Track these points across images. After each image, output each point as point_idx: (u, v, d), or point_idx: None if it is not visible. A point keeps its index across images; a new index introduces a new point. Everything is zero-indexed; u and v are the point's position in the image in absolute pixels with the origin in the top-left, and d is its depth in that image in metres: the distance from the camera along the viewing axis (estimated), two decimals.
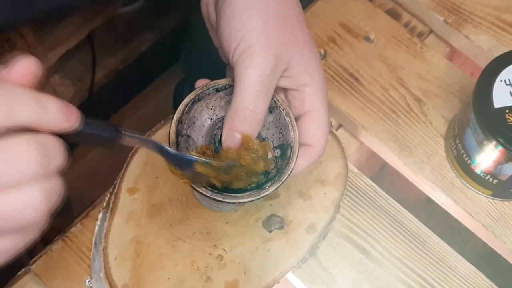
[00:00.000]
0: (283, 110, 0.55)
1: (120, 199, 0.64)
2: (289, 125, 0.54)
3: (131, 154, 0.67)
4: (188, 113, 0.54)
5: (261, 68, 0.50)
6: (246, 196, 0.52)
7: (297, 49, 0.53)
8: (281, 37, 0.52)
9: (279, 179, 0.53)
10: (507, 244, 0.66)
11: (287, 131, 0.55)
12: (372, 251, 0.66)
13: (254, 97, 0.50)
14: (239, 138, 0.51)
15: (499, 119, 0.60)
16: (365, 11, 0.77)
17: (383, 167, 1.02)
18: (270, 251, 0.63)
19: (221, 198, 0.52)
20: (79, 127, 0.42)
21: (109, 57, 1.22)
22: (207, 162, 0.50)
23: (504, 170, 0.63)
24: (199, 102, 0.55)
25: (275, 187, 0.53)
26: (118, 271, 0.62)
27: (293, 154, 0.54)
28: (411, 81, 0.73)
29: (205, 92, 0.55)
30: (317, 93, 0.54)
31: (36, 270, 0.64)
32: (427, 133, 0.70)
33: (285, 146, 0.55)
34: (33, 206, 0.40)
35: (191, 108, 0.54)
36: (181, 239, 0.63)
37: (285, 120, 0.55)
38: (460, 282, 0.65)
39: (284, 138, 0.55)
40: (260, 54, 0.50)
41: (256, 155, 0.52)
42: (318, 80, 0.54)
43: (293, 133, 0.54)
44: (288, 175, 0.53)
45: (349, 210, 0.67)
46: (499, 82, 0.62)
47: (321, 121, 0.55)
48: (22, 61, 0.42)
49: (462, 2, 0.77)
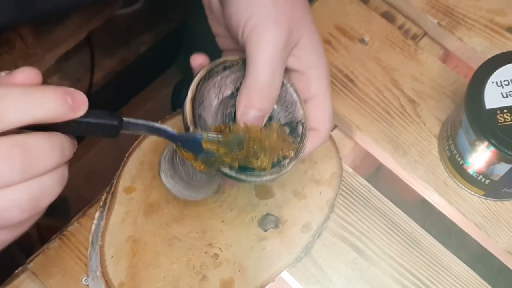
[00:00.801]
0: (290, 86, 0.54)
1: (116, 198, 0.65)
2: (297, 102, 0.54)
3: (128, 153, 0.68)
4: (199, 92, 0.53)
5: (275, 43, 0.50)
6: (268, 174, 0.52)
7: (306, 28, 0.53)
8: (291, 12, 0.51)
9: (296, 155, 0.53)
10: (499, 244, 0.67)
11: (295, 108, 0.54)
12: (367, 250, 0.66)
13: (270, 73, 0.50)
14: (255, 116, 0.51)
15: (490, 120, 0.61)
16: (360, 14, 0.78)
17: (378, 168, 1.02)
18: (265, 249, 0.64)
19: (244, 177, 0.51)
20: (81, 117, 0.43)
21: (108, 58, 1.23)
22: (213, 137, 0.50)
23: (496, 171, 0.64)
24: (208, 81, 0.54)
25: (293, 164, 0.52)
26: (115, 269, 0.62)
27: (306, 130, 0.54)
28: (405, 83, 0.74)
29: (214, 70, 0.53)
30: (323, 77, 0.54)
31: (33, 268, 0.65)
32: (421, 134, 0.71)
33: (294, 123, 0.54)
34: (18, 206, 0.41)
35: (201, 87, 0.53)
36: (177, 238, 0.64)
37: (292, 97, 0.54)
38: (453, 281, 0.66)
39: (291, 115, 0.55)
40: (273, 28, 0.50)
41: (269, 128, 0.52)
42: (324, 64, 0.54)
43: (302, 110, 0.54)
44: (303, 151, 0.53)
45: (344, 209, 0.68)
46: (491, 84, 0.62)
47: (327, 105, 0.55)
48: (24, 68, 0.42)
49: (455, 5, 0.78)
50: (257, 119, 0.51)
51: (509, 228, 0.68)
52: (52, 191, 0.43)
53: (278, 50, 0.50)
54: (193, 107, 0.51)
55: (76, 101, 0.43)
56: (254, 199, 0.66)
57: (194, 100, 0.52)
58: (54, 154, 0.42)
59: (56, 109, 0.42)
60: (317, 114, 0.55)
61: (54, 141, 0.42)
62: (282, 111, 0.55)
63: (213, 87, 0.54)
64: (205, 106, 0.53)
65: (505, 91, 0.62)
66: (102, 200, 0.66)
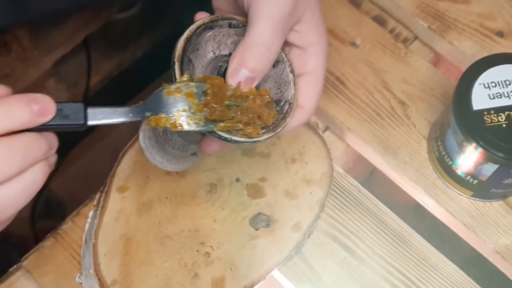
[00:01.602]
0: (288, 66, 0.54)
1: (110, 197, 0.66)
2: (291, 82, 0.54)
3: (121, 153, 0.69)
4: (197, 37, 0.52)
5: (281, 7, 0.49)
6: (239, 137, 0.50)
7: (311, 4, 0.53)
8: None
9: (274, 129, 0.52)
10: (488, 244, 0.68)
11: (288, 88, 0.54)
12: (356, 249, 0.67)
13: (270, 34, 0.49)
14: (246, 75, 0.49)
15: (477, 121, 0.62)
16: (351, 18, 0.79)
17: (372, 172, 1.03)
18: (257, 248, 0.65)
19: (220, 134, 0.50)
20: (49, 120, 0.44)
21: (105, 62, 1.24)
22: (175, 85, 0.49)
23: (483, 171, 0.65)
24: (209, 30, 0.53)
25: (268, 136, 0.51)
26: (108, 267, 0.63)
27: (291, 111, 0.53)
28: (396, 85, 0.75)
29: (219, 23, 0.53)
30: (321, 55, 0.54)
31: (27, 266, 0.66)
32: (411, 135, 0.72)
33: (282, 102, 0.54)
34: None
35: (200, 33, 0.52)
36: (169, 236, 0.65)
37: (288, 77, 0.54)
38: (441, 280, 0.67)
39: (281, 94, 0.54)
40: None
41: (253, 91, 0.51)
42: (324, 42, 0.54)
43: (293, 91, 0.54)
44: (282, 127, 0.52)
45: (334, 209, 0.69)
46: (478, 85, 0.64)
47: (318, 84, 0.55)
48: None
49: (446, 9, 0.79)
50: (248, 79, 0.50)
51: (497, 228, 0.69)
52: (17, 199, 0.43)
53: (282, 15, 0.49)
54: (185, 48, 0.50)
55: (43, 107, 0.43)
56: (246, 198, 0.67)
57: (188, 41, 0.51)
58: (14, 159, 0.41)
59: (22, 118, 0.42)
60: (306, 90, 0.54)
61: (14, 145, 0.42)
62: (274, 88, 0.55)
63: (212, 40, 0.53)
64: (198, 54, 0.53)
65: (492, 93, 0.63)
66: (96, 199, 0.67)
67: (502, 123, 0.62)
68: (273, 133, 0.52)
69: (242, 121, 0.50)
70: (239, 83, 0.50)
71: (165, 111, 0.49)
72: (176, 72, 0.50)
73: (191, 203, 0.66)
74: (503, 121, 0.62)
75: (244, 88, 0.50)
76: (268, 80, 0.55)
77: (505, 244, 0.68)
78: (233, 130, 0.50)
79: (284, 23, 0.50)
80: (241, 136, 0.51)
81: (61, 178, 1.26)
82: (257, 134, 0.51)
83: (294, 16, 0.51)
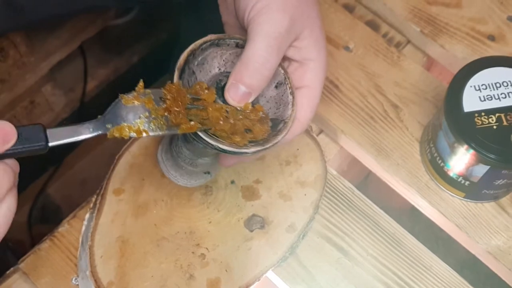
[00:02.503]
0: (289, 88, 0.56)
1: (106, 200, 0.67)
2: (290, 103, 0.55)
3: (117, 156, 0.69)
4: (203, 51, 0.54)
5: (277, 25, 0.51)
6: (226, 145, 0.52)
7: (310, 22, 0.54)
8: (297, 5, 0.53)
9: (263, 144, 0.53)
10: (480, 244, 0.69)
11: (286, 108, 0.55)
12: (350, 250, 0.68)
13: (266, 52, 0.51)
14: (242, 91, 0.52)
15: (468, 123, 0.63)
16: (345, 22, 0.80)
17: (367, 177, 1.04)
18: (251, 249, 0.66)
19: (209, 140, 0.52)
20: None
21: (101, 68, 1.25)
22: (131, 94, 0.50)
23: (475, 172, 0.66)
24: (216, 47, 0.55)
25: (256, 149, 0.53)
26: (104, 269, 0.64)
27: (284, 129, 0.55)
28: (388, 88, 0.76)
29: (226, 41, 0.55)
30: (319, 71, 0.56)
31: (24, 268, 0.66)
32: (403, 138, 0.73)
33: (278, 121, 0.56)
34: None
35: (207, 49, 0.55)
36: (165, 238, 0.66)
37: (287, 98, 0.56)
38: (434, 281, 0.67)
39: (279, 114, 0.56)
40: (277, 12, 0.51)
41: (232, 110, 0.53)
42: (323, 59, 0.56)
43: (290, 112, 0.55)
44: (272, 143, 0.54)
45: (328, 211, 0.70)
46: (469, 88, 0.65)
47: (314, 98, 0.56)
48: None
49: (438, 13, 0.80)
50: (244, 94, 0.52)
51: (489, 229, 0.70)
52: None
53: (278, 34, 0.51)
54: (187, 59, 0.53)
55: (3, 132, 0.44)
56: (241, 200, 0.68)
57: (192, 54, 0.53)
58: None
59: None
60: (302, 103, 0.56)
61: None
62: (274, 108, 0.57)
63: (219, 57, 0.55)
64: (203, 68, 0.55)
65: (482, 95, 0.64)
66: (92, 202, 0.68)
67: (493, 125, 0.63)
68: (262, 147, 0.53)
69: (225, 129, 0.52)
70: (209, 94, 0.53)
71: (126, 119, 0.50)
72: (174, 79, 0.52)
73: (187, 205, 0.67)
74: (494, 123, 0.63)
75: (240, 102, 0.53)
76: (270, 100, 0.57)
77: (497, 245, 0.69)
78: (221, 139, 0.52)
79: (280, 41, 0.52)
80: (229, 145, 0.52)
81: (58, 183, 1.27)
82: (244, 144, 0.53)
83: (292, 34, 0.53)
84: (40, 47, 1.07)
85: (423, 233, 0.85)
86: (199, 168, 0.65)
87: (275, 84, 0.57)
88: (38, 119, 1.18)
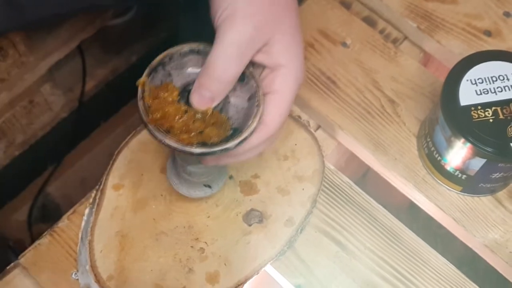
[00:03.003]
0: (257, 100, 0.56)
1: (105, 195, 0.67)
2: (252, 115, 0.55)
3: (116, 152, 0.70)
4: (183, 56, 0.56)
5: (238, 34, 0.52)
6: (172, 142, 0.54)
7: (281, 29, 0.55)
8: (267, 13, 0.54)
9: (210, 146, 0.54)
10: (477, 238, 0.70)
11: (249, 119, 0.56)
12: (348, 244, 0.68)
13: (225, 59, 0.52)
14: (205, 96, 0.53)
15: (465, 116, 0.64)
16: (342, 18, 0.81)
17: (365, 174, 1.05)
18: (250, 243, 0.66)
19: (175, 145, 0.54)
20: None
21: (100, 68, 1.25)
22: None
23: (471, 166, 0.66)
24: (197, 54, 0.56)
25: (201, 150, 0.54)
26: (104, 263, 0.64)
27: (236, 138, 0.55)
28: (385, 84, 0.76)
29: (207, 50, 0.55)
30: (289, 78, 0.56)
31: (24, 263, 0.67)
32: (400, 133, 0.74)
33: (238, 130, 0.56)
34: None
35: (187, 55, 0.56)
36: (164, 232, 0.66)
37: (253, 110, 0.56)
38: (432, 274, 0.68)
39: (243, 124, 0.56)
40: (241, 21, 0.52)
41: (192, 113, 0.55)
42: (295, 64, 0.56)
43: (250, 123, 0.55)
44: (221, 148, 0.54)
45: (326, 205, 0.70)
46: (465, 82, 0.65)
47: (283, 104, 0.56)
48: None
49: (434, 9, 0.81)
50: (206, 99, 0.54)
51: (486, 222, 0.70)
52: None
53: (240, 40, 0.52)
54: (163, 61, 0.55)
55: None
56: (239, 195, 0.68)
57: (170, 58, 0.56)
58: None
59: None
60: (270, 109, 0.56)
61: None
62: (241, 118, 0.57)
63: (200, 64, 0.56)
64: (181, 72, 0.56)
65: (479, 89, 0.65)
66: (91, 197, 0.68)
67: (489, 118, 0.64)
68: (208, 150, 0.54)
69: (175, 127, 0.54)
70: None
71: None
72: (143, 75, 0.56)
73: (186, 200, 0.67)
74: (490, 116, 0.64)
75: (203, 106, 0.54)
76: (240, 111, 0.57)
77: (494, 238, 0.69)
78: (169, 134, 0.55)
79: (241, 48, 0.53)
80: (175, 141, 0.54)
81: (57, 182, 1.27)
82: (189, 143, 0.54)
83: (258, 41, 0.54)
84: (39, 46, 1.07)
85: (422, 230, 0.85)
86: (195, 178, 0.65)
87: (248, 96, 0.57)
88: (37, 119, 1.19)
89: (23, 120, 1.17)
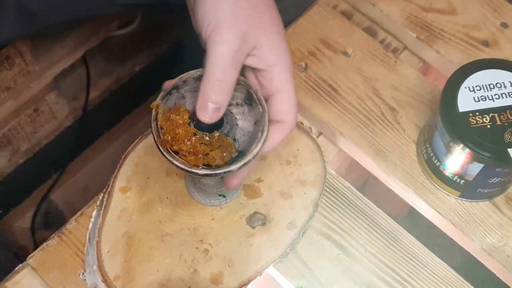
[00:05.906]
0: (261, 126, 0.58)
1: (113, 197, 0.69)
2: (257, 139, 0.57)
3: (123, 156, 0.71)
4: (197, 80, 0.58)
5: (229, 44, 0.55)
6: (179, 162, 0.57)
7: (265, 30, 0.57)
8: (249, 17, 0.56)
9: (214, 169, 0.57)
10: (475, 242, 0.71)
11: (254, 143, 0.58)
12: (349, 247, 0.70)
13: (222, 70, 0.55)
14: (211, 108, 0.55)
15: (463, 122, 0.66)
16: (343, 28, 0.83)
17: (365, 182, 1.06)
18: (253, 245, 0.68)
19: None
20: None
21: (104, 77, 1.27)
22: None
23: (470, 170, 0.68)
24: None
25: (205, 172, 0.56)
26: (110, 263, 0.66)
27: (239, 161, 0.57)
28: (386, 92, 0.78)
29: None
30: (284, 73, 0.59)
31: (33, 264, 0.68)
32: (400, 139, 0.76)
33: (243, 153, 0.58)
34: None
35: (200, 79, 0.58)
36: (169, 234, 0.68)
37: (258, 134, 0.58)
38: (430, 276, 0.69)
39: (248, 147, 0.58)
40: (228, 31, 0.55)
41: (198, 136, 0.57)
42: (285, 61, 0.59)
43: (254, 147, 0.57)
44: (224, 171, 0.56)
45: (328, 209, 0.72)
46: (464, 89, 0.67)
47: (290, 98, 0.59)
48: None
49: (433, 20, 0.83)
50: (213, 110, 0.56)
51: (484, 227, 0.72)
52: None
53: (231, 50, 0.55)
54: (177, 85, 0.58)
55: None
56: (243, 198, 0.70)
57: (185, 81, 0.58)
58: None
59: None
60: (281, 107, 0.59)
61: None
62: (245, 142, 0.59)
63: None
64: (194, 95, 0.59)
65: (477, 96, 0.67)
66: (99, 200, 0.70)
67: (486, 124, 0.66)
68: (211, 172, 0.57)
69: (183, 149, 0.57)
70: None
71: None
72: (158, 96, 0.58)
73: (191, 202, 0.69)
74: (488, 122, 0.66)
75: (212, 119, 0.56)
76: (246, 134, 0.60)
77: (492, 243, 0.71)
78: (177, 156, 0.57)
79: (233, 57, 0.55)
80: (181, 162, 0.57)
81: (60, 189, 1.29)
82: (195, 165, 0.57)
83: (246, 46, 0.56)
84: (45, 56, 1.09)
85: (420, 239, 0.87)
86: (209, 188, 0.67)
87: (254, 121, 0.59)
88: (42, 127, 1.20)
89: (28, 128, 1.19)
